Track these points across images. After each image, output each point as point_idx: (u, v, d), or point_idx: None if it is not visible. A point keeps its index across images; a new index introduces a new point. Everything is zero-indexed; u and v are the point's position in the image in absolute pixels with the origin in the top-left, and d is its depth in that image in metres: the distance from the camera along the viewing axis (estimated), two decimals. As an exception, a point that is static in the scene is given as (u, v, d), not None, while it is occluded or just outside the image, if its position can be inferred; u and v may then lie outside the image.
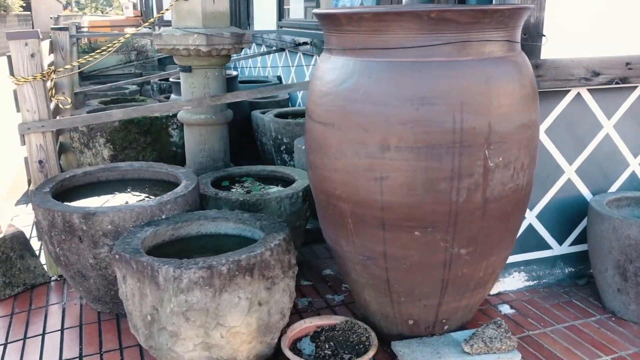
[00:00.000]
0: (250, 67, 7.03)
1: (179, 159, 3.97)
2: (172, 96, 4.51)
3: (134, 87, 5.65)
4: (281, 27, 4.69)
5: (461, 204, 1.88)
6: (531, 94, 1.98)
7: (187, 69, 3.28)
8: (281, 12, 4.65)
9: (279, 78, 5.82)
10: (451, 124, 1.80)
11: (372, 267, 2.08)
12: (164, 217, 2.43)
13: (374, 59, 1.87)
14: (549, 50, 2.46)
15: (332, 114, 1.97)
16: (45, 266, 3.00)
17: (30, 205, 4.42)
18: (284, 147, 3.89)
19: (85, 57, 2.93)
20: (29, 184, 5.03)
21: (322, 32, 4.22)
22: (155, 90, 5.71)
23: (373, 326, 2.29)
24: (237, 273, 1.93)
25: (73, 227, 2.34)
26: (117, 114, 2.85)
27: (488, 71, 1.84)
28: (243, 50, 3.36)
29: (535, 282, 2.84)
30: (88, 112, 3.93)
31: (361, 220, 2.00)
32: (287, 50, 5.50)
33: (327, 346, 2.18)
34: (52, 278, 2.98)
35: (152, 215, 2.41)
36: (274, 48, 5.72)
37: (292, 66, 5.31)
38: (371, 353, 2.09)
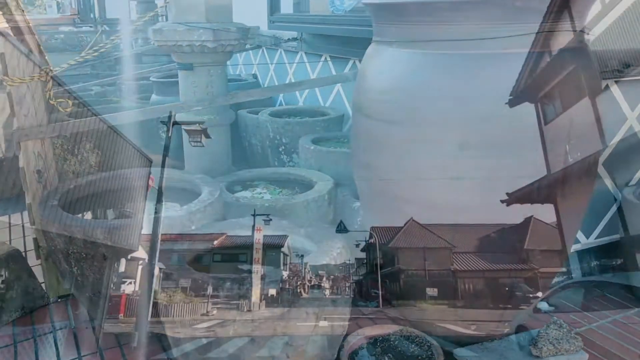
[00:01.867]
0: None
1: (169, 164, 3.71)
2: (154, 97, 4.23)
3: (99, 88, 5.28)
4: (273, 22, 4.50)
5: (540, 202, 1.80)
6: (599, 86, 1.92)
7: (189, 67, 3.06)
8: (273, 7, 4.46)
9: (254, 76, 5.60)
10: (535, 118, 1.71)
11: (438, 271, 1.97)
12: (193, 227, 2.23)
13: (447, 51, 1.76)
14: (583, 42, 2.43)
15: (397, 111, 1.84)
16: (43, 286, 2.70)
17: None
18: (283, 147, 3.72)
19: (82, 54, 2.66)
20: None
21: (319, 27, 4.09)
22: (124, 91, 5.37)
23: (427, 334, 2.18)
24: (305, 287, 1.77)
25: (96, 243, 2.11)
26: (122, 117, 2.61)
27: (568, 62, 1.76)
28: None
29: (565, 276, 2.81)
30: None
31: (430, 222, 1.88)
32: (264, 48, 5.30)
33: (386, 358, 2.06)
34: (52, 300, 2.70)
35: (182, 226, 2.20)
36: (248, 46, 5.50)
37: (272, 63, 5.13)
38: (440, 363, 1.98)
